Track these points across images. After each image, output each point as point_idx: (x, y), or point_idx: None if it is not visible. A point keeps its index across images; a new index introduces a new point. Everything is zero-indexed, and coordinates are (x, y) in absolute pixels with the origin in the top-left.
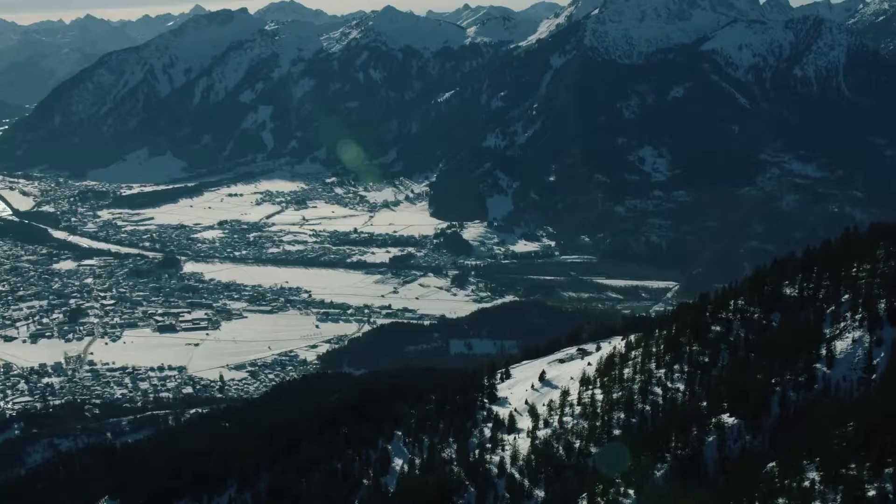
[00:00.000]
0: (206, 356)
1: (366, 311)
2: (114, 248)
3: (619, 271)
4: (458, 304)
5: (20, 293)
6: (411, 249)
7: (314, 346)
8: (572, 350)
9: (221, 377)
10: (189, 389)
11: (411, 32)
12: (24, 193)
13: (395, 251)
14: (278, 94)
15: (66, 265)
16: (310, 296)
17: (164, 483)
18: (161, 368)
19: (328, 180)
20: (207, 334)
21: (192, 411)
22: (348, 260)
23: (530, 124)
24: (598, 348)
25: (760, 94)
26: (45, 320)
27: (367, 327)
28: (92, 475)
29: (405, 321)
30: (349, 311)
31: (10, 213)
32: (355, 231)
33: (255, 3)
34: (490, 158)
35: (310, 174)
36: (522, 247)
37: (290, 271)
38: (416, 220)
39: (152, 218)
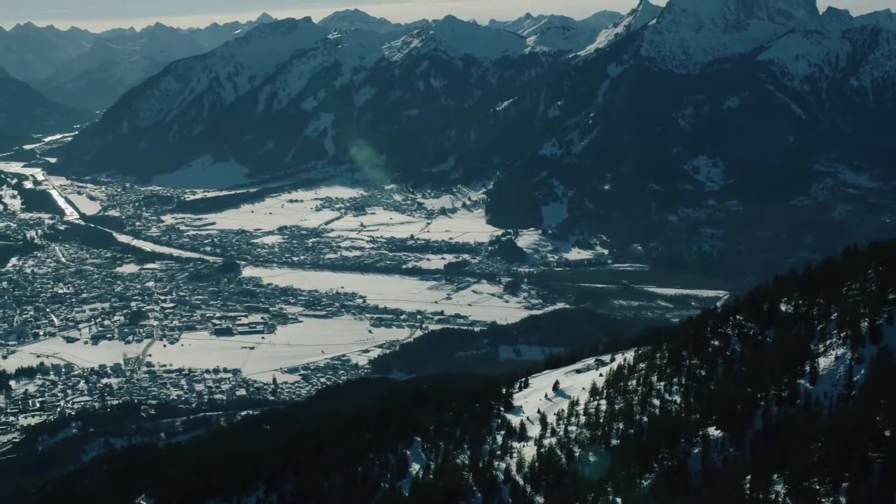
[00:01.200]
0: (261, 359)
1: (418, 316)
2: (175, 252)
3: (670, 280)
4: (510, 311)
5: (84, 295)
6: (466, 256)
7: (366, 351)
8: (590, 361)
9: (274, 380)
10: (242, 392)
11: (472, 41)
12: (92, 198)
13: (450, 258)
14: (340, 102)
15: (129, 268)
16: (364, 301)
17: (197, 483)
18: (216, 371)
19: (387, 187)
20: (263, 338)
21: (244, 413)
22: (404, 266)
23: (586, 133)
24: (613, 359)
25: (816, 104)
26: (106, 322)
27: (418, 333)
28: (133, 474)
29: (456, 327)
30: (402, 317)
31: (78, 216)
32: (412, 237)
33: (321, 12)
34: (546, 167)
35: (369, 181)
36: (576, 254)
37: (347, 277)
38: (472, 228)
39: (214, 223)
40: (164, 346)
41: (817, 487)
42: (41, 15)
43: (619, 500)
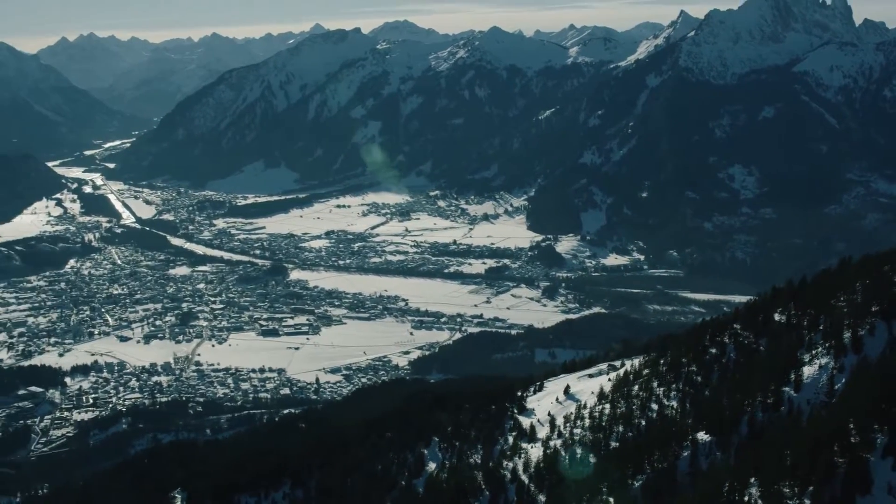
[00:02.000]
0: (305, 359)
1: (458, 319)
2: (226, 255)
3: (703, 286)
4: (547, 315)
5: (137, 296)
6: (507, 261)
7: (407, 353)
8: (604, 366)
9: (317, 380)
10: (286, 391)
11: (516, 52)
12: (148, 202)
13: (491, 262)
14: (387, 110)
15: (181, 271)
16: (406, 304)
17: (228, 478)
18: (262, 370)
19: (432, 193)
20: (308, 339)
21: (286, 411)
22: (446, 270)
23: (625, 142)
24: (622, 365)
25: (849, 114)
26: (158, 322)
27: (458, 335)
28: (172, 468)
29: (494, 330)
30: (442, 320)
31: (134, 220)
32: (454, 243)
33: (372, 23)
34: (586, 174)
35: (415, 187)
36: (613, 260)
37: (390, 280)
38: (514, 233)
39: (264, 227)
40: (213, 345)
41: (786, 491)
42: (103, 25)
43: (611, 500)
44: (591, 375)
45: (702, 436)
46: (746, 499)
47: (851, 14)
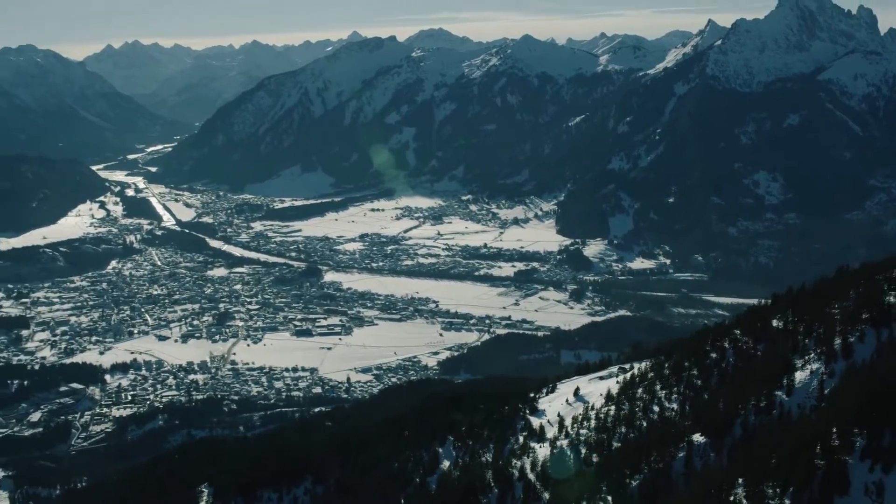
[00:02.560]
0: (337, 359)
1: (487, 321)
2: (263, 257)
3: (727, 289)
4: (573, 317)
5: (176, 297)
6: (535, 264)
7: (436, 353)
8: (615, 368)
9: (348, 379)
10: (318, 389)
11: (547, 60)
12: (188, 205)
13: (520, 266)
14: (421, 117)
15: (219, 272)
16: (437, 306)
17: (253, 474)
18: (295, 369)
19: (464, 198)
20: (340, 339)
21: (317, 409)
22: (476, 273)
23: (653, 148)
24: (632, 367)
25: (873, 122)
26: (195, 322)
27: (486, 336)
28: (200, 464)
29: (521, 332)
30: (471, 321)
31: (174, 223)
32: (485, 246)
33: (408, 31)
34: (614, 180)
35: (447, 192)
36: (639, 264)
37: (422, 282)
38: (543, 237)
39: (300, 230)
40: (248, 345)
41: (769, 491)
42: (147, 33)
43: (609, 498)
44: (601, 378)
45: (697, 437)
46: (732, 499)
47: (877, 23)
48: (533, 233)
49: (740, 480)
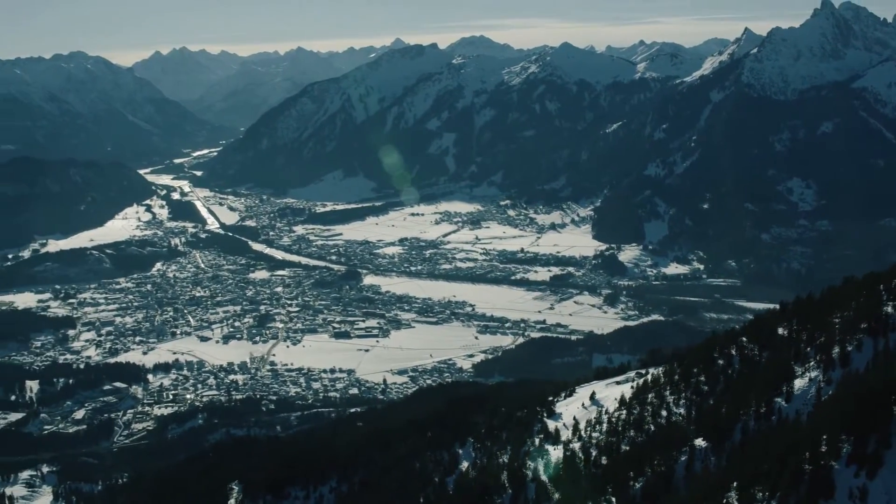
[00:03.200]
0: (374, 361)
1: (522, 324)
2: (304, 260)
3: (759, 295)
4: (607, 322)
5: (218, 299)
6: (571, 269)
7: (471, 356)
8: (632, 373)
9: (385, 381)
10: (355, 391)
11: (585, 67)
12: (232, 209)
13: (556, 270)
14: (461, 123)
15: (261, 275)
16: (473, 309)
17: (281, 472)
18: (332, 370)
19: (502, 203)
20: (377, 341)
21: (353, 410)
22: (512, 277)
23: (689, 155)
24: (647, 373)
25: None
26: (236, 324)
27: (520, 340)
28: (232, 462)
29: (555, 335)
30: (507, 325)
31: (218, 226)
32: (522, 251)
33: (450, 37)
34: (650, 186)
35: (486, 197)
36: (673, 269)
37: (459, 286)
38: (579, 242)
39: (341, 234)
40: (287, 346)
41: (759, 495)
42: (195, 39)
43: (613, 499)
44: (618, 383)
45: (699, 442)
46: (725, 502)
47: None
48: (569, 238)
49: (734, 484)
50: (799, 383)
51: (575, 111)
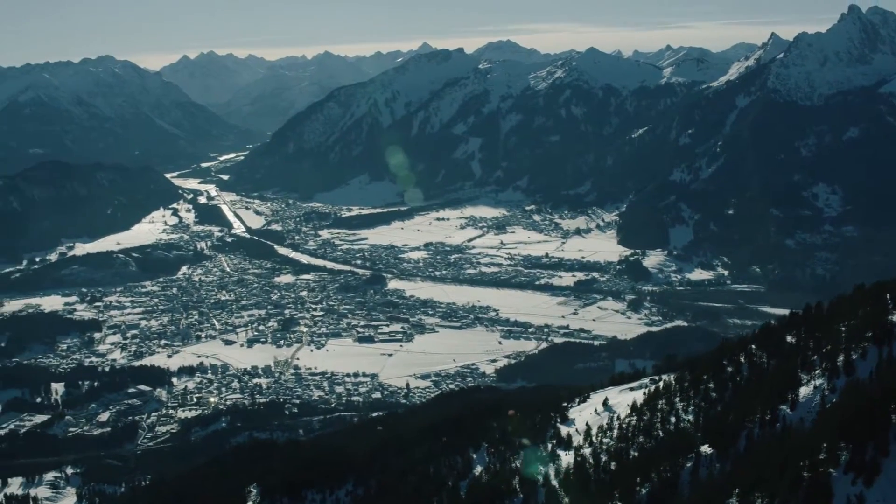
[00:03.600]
0: (397, 365)
1: (545, 329)
2: (329, 264)
3: (783, 301)
4: (630, 327)
5: (243, 302)
6: (595, 274)
7: (494, 361)
8: (646, 380)
9: (408, 385)
10: (377, 395)
11: (612, 72)
12: (258, 213)
13: (580, 275)
14: (487, 127)
15: (286, 279)
16: (497, 314)
17: (299, 475)
18: (356, 375)
19: (527, 208)
20: (401, 346)
21: (375, 414)
22: (537, 282)
23: (714, 160)
24: (660, 379)
25: None
26: (261, 327)
27: (544, 345)
28: (252, 465)
29: (578, 340)
30: (530, 330)
31: (244, 230)
32: (546, 256)
33: (477, 41)
34: (675, 191)
35: (511, 202)
36: (698, 275)
37: (483, 291)
38: (604, 247)
39: (366, 238)
40: (311, 350)
41: (758, 501)
42: (222, 44)
43: None
44: (632, 389)
45: (705, 448)
46: None
47: None
48: (594, 243)
49: (736, 490)
50: (804, 391)
51: (601, 116)
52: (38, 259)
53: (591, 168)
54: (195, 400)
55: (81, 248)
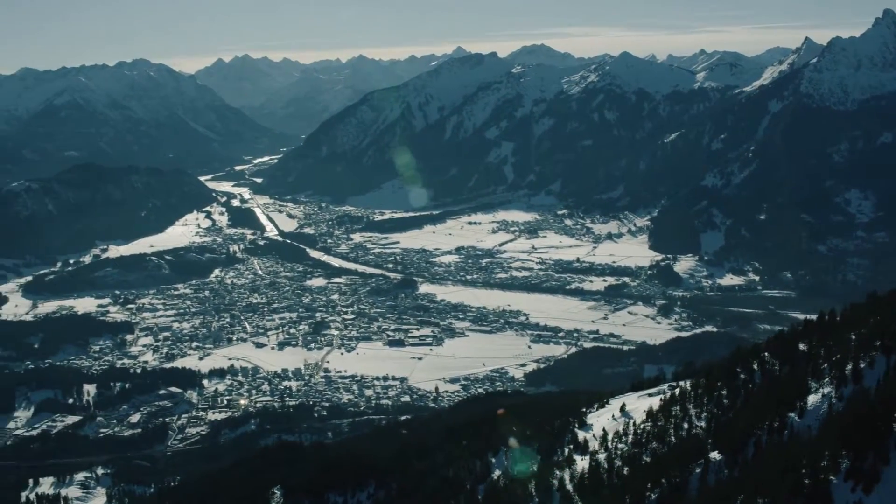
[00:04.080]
0: (427, 369)
1: (575, 334)
2: (360, 268)
3: (814, 306)
4: (660, 332)
5: (274, 305)
6: (626, 279)
7: (523, 365)
8: (665, 386)
9: (436, 389)
10: (406, 398)
11: (645, 77)
12: (290, 216)
13: (611, 280)
14: (520, 132)
15: (318, 282)
16: (527, 318)
17: (322, 477)
18: (385, 378)
19: (560, 212)
20: (431, 349)
21: (403, 418)
22: (567, 287)
23: (746, 165)
24: (677, 385)
25: None
26: (292, 330)
27: (573, 349)
28: (277, 467)
29: (607, 345)
30: (560, 334)
31: (276, 233)
32: (577, 260)
33: (511, 45)
34: (707, 196)
35: (544, 206)
36: (729, 280)
37: (514, 295)
38: (635, 252)
39: (398, 242)
40: (342, 353)
41: None
42: (257, 47)
43: None
44: (650, 395)
45: (714, 454)
46: None
47: None
48: (626, 248)
49: (740, 497)
50: (812, 399)
51: (633, 121)
52: (71, 261)
53: (624, 173)
54: (225, 402)
55: (115, 251)
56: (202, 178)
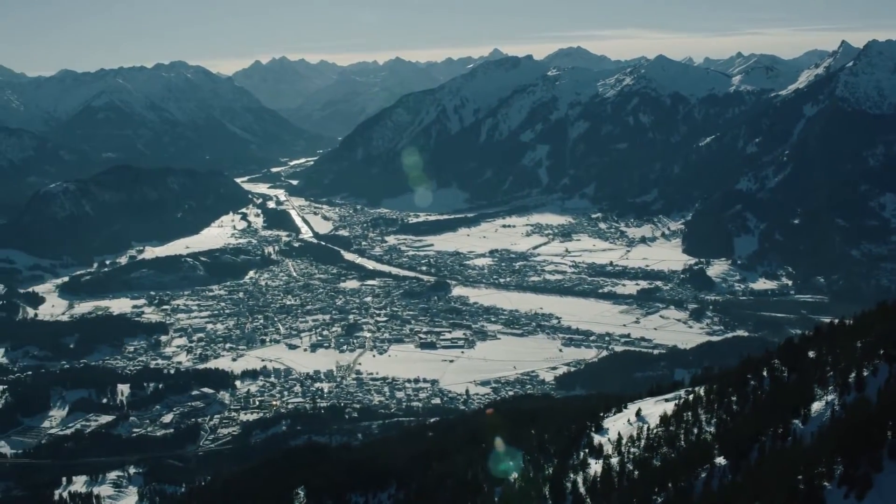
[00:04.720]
0: (458, 372)
1: (606, 338)
2: (394, 270)
3: (846, 312)
4: (691, 336)
5: (308, 307)
6: (659, 283)
7: (554, 368)
8: (682, 391)
9: (467, 391)
10: (437, 401)
11: (680, 80)
12: (325, 218)
13: (643, 284)
14: (555, 135)
15: (351, 284)
16: (559, 322)
17: (344, 479)
18: (416, 380)
19: (594, 216)
20: (462, 352)
21: (433, 420)
22: (600, 290)
23: (781, 169)
24: (692, 391)
25: None
26: (325, 332)
27: (604, 353)
28: (302, 468)
29: (638, 349)
30: (591, 338)
31: (311, 235)
32: (611, 264)
33: (548, 47)
34: (741, 200)
35: (578, 209)
36: (762, 284)
37: (546, 298)
38: (668, 256)
39: (432, 244)
40: (374, 356)
41: None
42: (295, 49)
43: None
44: (667, 400)
45: (720, 460)
46: None
47: None
48: (659, 251)
49: (741, 501)
50: (817, 406)
51: (668, 124)
52: (108, 262)
53: (658, 176)
54: (257, 403)
55: (151, 252)
56: (238, 180)
